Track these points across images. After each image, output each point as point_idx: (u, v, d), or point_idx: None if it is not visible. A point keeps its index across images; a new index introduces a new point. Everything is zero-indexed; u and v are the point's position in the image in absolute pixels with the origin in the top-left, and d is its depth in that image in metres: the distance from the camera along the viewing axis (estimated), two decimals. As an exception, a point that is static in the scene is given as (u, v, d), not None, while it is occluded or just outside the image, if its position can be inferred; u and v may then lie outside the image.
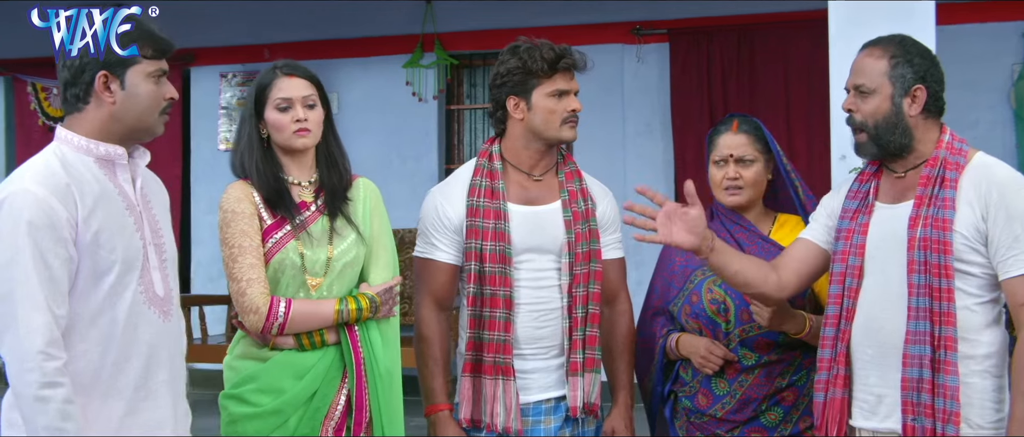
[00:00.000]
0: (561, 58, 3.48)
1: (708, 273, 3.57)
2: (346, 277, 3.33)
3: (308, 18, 9.21)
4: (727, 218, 3.64)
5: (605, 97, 8.53)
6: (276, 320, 3.21)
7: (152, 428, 2.79)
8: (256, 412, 3.23)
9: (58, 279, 2.63)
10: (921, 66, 3.11)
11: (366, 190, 3.45)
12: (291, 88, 3.32)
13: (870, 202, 3.20)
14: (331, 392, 3.29)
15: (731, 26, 8.33)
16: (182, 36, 9.26)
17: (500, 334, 3.46)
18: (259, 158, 3.32)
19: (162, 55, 2.83)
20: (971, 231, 3.00)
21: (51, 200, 2.65)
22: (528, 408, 3.52)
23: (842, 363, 3.15)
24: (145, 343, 2.78)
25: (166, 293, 2.86)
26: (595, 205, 3.61)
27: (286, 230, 3.29)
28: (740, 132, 3.61)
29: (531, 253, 3.53)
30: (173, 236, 2.98)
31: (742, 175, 3.58)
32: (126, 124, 2.81)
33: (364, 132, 9.09)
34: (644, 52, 8.57)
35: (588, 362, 3.52)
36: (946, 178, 3.05)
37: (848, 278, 3.17)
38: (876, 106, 3.10)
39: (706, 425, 3.58)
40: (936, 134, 3.14)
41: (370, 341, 3.29)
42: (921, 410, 2.98)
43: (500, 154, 3.61)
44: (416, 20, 8.94)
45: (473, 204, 3.52)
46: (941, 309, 2.98)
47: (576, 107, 3.53)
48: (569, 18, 8.60)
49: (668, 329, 3.67)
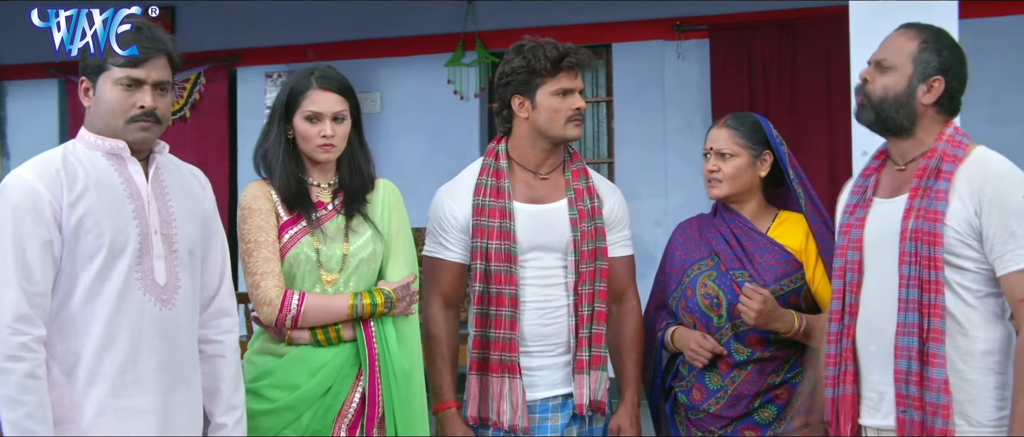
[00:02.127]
0: (564, 57, 3.49)
1: (704, 268, 3.61)
2: (363, 273, 3.34)
3: (351, 18, 9.28)
4: (726, 214, 3.66)
5: (645, 94, 8.53)
6: (289, 312, 3.22)
7: (134, 414, 2.83)
8: (271, 408, 3.25)
9: (32, 260, 2.74)
10: (948, 59, 3.07)
11: (386, 190, 3.45)
12: (323, 102, 3.31)
13: (868, 197, 3.18)
14: (345, 389, 3.29)
15: (772, 21, 8.25)
16: (228, 37, 9.44)
17: (506, 332, 3.48)
18: (284, 158, 3.33)
19: (135, 64, 2.84)
20: (963, 226, 2.96)
21: (37, 184, 2.78)
22: (535, 405, 3.53)
23: (849, 359, 3.13)
24: (134, 328, 2.83)
25: (171, 282, 2.90)
26: (602, 203, 3.61)
27: (301, 226, 3.30)
28: (725, 127, 3.64)
29: (537, 251, 3.54)
30: (195, 228, 3.01)
31: (721, 168, 3.60)
32: (98, 127, 2.90)
33: (407, 131, 9.15)
34: (685, 48, 8.53)
35: (594, 360, 3.53)
36: (942, 170, 3.01)
37: (848, 273, 3.15)
38: (892, 82, 3.07)
39: (701, 421, 3.59)
40: (941, 127, 3.10)
41: (385, 338, 3.29)
42: (910, 402, 2.96)
43: (507, 153, 3.63)
44: (457, 19, 8.99)
45: (479, 203, 3.54)
46: (930, 301, 2.94)
47: (580, 105, 3.54)
48: (609, 15, 8.59)
49: (667, 323, 3.69)
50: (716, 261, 3.60)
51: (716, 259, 3.60)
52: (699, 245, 3.67)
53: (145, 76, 2.86)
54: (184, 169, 3.09)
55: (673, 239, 3.78)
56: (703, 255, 3.64)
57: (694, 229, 3.73)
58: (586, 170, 3.66)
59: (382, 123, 9.24)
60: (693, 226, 3.75)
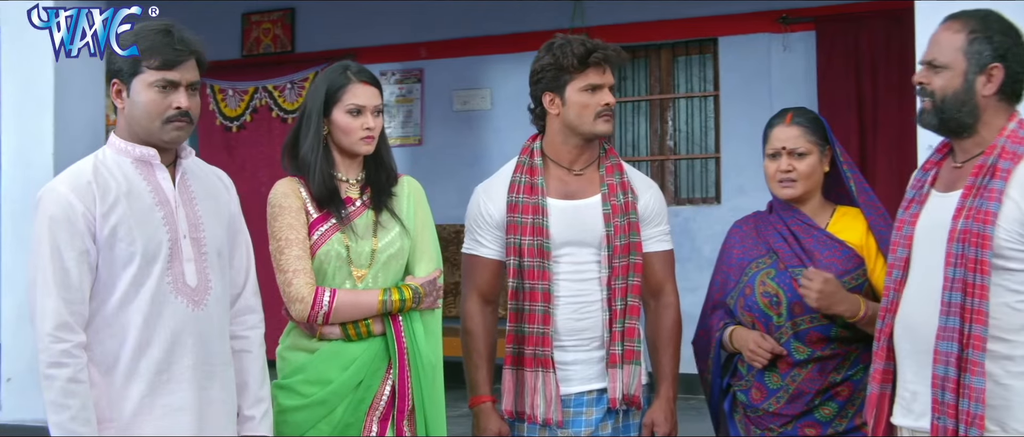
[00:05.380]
0: (592, 52, 3.51)
1: (762, 265, 3.57)
2: (391, 268, 3.41)
3: (462, 16, 9.39)
4: (784, 211, 3.61)
5: (752, 87, 8.43)
6: (321, 309, 3.30)
7: (171, 411, 2.95)
8: (305, 403, 3.33)
9: (70, 269, 2.86)
10: (1002, 44, 2.95)
11: (410, 187, 3.53)
12: (365, 95, 3.40)
13: (925, 192, 3.09)
14: (376, 382, 3.36)
15: (880, 12, 8.06)
16: (345, 37, 9.62)
17: (539, 327, 3.52)
18: (320, 155, 3.42)
19: (170, 67, 2.95)
20: (1016, 226, 2.85)
21: (70, 197, 2.89)
22: (569, 399, 3.56)
23: (882, 357, 3.08)
24: (169, 329, 2.95)
25: (201, 284, 3.01)
26: (636, 198, 3.62)
27: (331, 223, 3.38)
28: (793, 124, 3.58)
29: (571, 247, 3.57)
30: (221, 230, 3.11)
31: (796, 167, 3.54)
32: (135, 130, 3.00)
33: (517, 127, 9.11)
34: (790, 41, 8.39)
35: (627, 354, 3.54)
36: (999, 168, 2.90)
37: (895, 270, 3.09)
38: (947, 81, 2.96)
39: (761, 420, 3.56)
40: (1003, 121, 2.97)
41: (413, 332, 3.36)
42: (945, 409, 2.87)
43: (541, 150, 3.66)
44: (565, 15, 9.00)
45: (513, 200, 3.59)
46: (973, 306, 2.84)
47: (609, 101, 3.55)
48: (715, 9, 8.52)
49: (725, 322, 3.65)
50: (775, 259, 3.56)
51: (774, 257, 3.57)
52: (756, 243, 3.63)
53: (179, 78, 2.96)
54: (209, 172, 3.20)
55: (730, 237, 3.74)
56: (761, 253, 3.60)
57: (751, 227, 3.70)
58: (621, 165, 3.67)
59: (492, 119, 9.34)
60: (749, 224, 3.72)
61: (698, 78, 8.93)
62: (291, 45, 10.21)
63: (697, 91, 8.90)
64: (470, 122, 9.54)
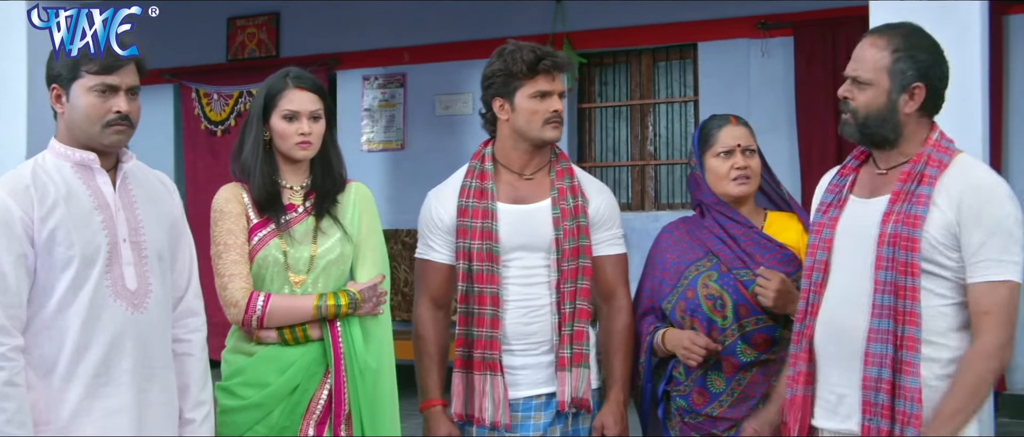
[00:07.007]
0: (541, 59, 3.53)
1: (702, 268, 3.57)
2: (331, 275, 3.43)
3: (444, 21, 9.44)
4: (721, 214, 3.61)
5: (731, 92, 8.47)
6: (254, 313, 3.33)
7: (109, 413, 2.96)
8: (242, 404, 3.37)
9: (7, 273, 2.87)
10: (924, 62, 2.98)
11: (357, 193, 3.54)
12: (300, 101, 3.43)
13: (844, 196, 3.13)
14: (312, 387, 3.39)
15: (857, 17, 7.99)
16: (329, 41, 9.70)
17: (488, 331, 3.54)
18: (261, 160, 3.45)
19: (109, 71, 2.96)
20: (941, 232, 2.90)
21: (8, 201, 2.91)
22: (518, 403, 3.57)
23: (804, 360, 3.10)
24: (108, 333, 2.96)
25: (141, 287, 3.03)
26: (587, 202, 3.63)
27: (270, 228, 3.41)
28: (740, 124, 3.63)
29: (520, 251, 3.59)
30: (163, 233, 3.12)
31: (750, 164, 3.58)
32: (75, 135, 3.01)
33: (499, 131, 9.23)
34: (769, 46, 8.45)
35: (576, 357, 3.55)
36: (925, 175, 2.95)
37: (814, 273, 3.11)
38: (871, 99, 2.99)
39: (702, 424, 3.56)
40: (925, 133, 3.03)
41: (351, 338, 3.38)
42: (878, 411, 2.91)
43: (492, 155, 3.68)
44: (547, 20, 9.05)
45: (463, 204, 3.60)
46: (905, 308, 2.89)
47: (558, 108, 3.57)
48: (695, 14, 8.56)
49: (655, 326, 3.65)
50: (715, 261, 3.57)
51: (715, 259, 3.57)
52: (692, 247, 3.63)
53: (119, 82, 2.98)
54: (151, 176, 3.21)
55: (659, 243, 3.73)
56: (698, 256, 3.60)
57: (683, 231, 3.69)
58: (572, 170, 3.69)
59: (474, 124, 9.26)
60: (681, 228, 3.71)
61: (678, 83, 8.97)
62: (276, 49, 10.27)
63: (677, 96, 8.93)
64: (452, 126, 9.58)
